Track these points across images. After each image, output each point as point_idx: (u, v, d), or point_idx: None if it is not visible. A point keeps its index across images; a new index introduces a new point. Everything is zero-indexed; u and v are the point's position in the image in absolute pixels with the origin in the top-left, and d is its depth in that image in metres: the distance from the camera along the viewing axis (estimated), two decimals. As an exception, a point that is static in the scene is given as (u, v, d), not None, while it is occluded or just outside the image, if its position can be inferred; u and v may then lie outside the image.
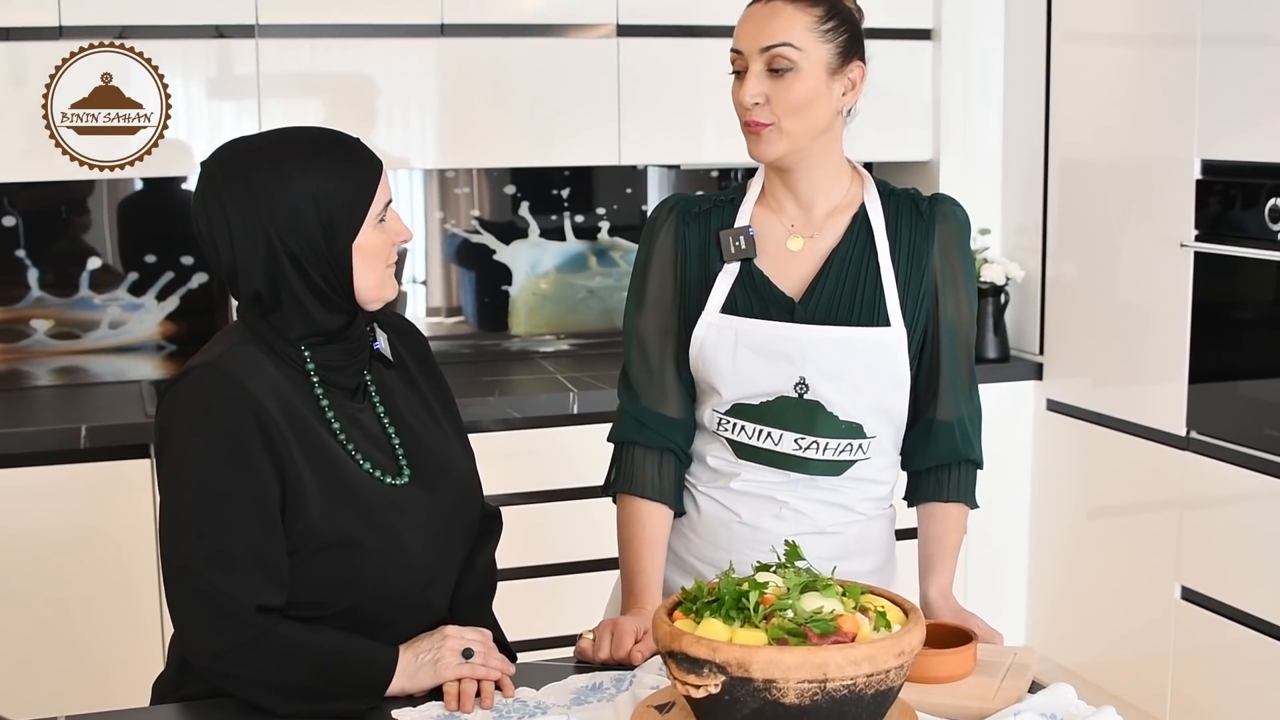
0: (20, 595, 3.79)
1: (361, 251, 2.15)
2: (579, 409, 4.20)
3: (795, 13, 2.28)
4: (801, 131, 2.29)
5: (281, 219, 2.10)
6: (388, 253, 2.19)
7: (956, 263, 2.42)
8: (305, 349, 2.16)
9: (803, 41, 2.27)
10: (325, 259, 2.12)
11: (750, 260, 2.37)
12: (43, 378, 4.42)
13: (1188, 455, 4.06)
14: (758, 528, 2.37)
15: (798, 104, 2.28)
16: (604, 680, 2.14)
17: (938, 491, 2.46)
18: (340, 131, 2.21)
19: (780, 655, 1.68)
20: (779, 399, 2.33)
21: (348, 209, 2.13)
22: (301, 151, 2.14)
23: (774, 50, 2.27)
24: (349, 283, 2.15)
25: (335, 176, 2.12)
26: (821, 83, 2.29)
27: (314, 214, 2.10)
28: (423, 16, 4.24)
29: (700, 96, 4.48)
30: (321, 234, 2.11)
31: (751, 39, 2.29)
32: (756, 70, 2.28)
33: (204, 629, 2.05)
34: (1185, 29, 3.98)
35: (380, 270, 2.18)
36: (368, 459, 2.18)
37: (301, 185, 2.10)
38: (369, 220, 2.15)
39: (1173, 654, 4.15)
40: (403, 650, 2.13)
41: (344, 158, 2.16)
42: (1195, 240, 3.99)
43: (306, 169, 2.12)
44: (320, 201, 2.11)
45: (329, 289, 2.14)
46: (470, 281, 4.84)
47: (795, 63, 2.27)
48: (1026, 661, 2.15)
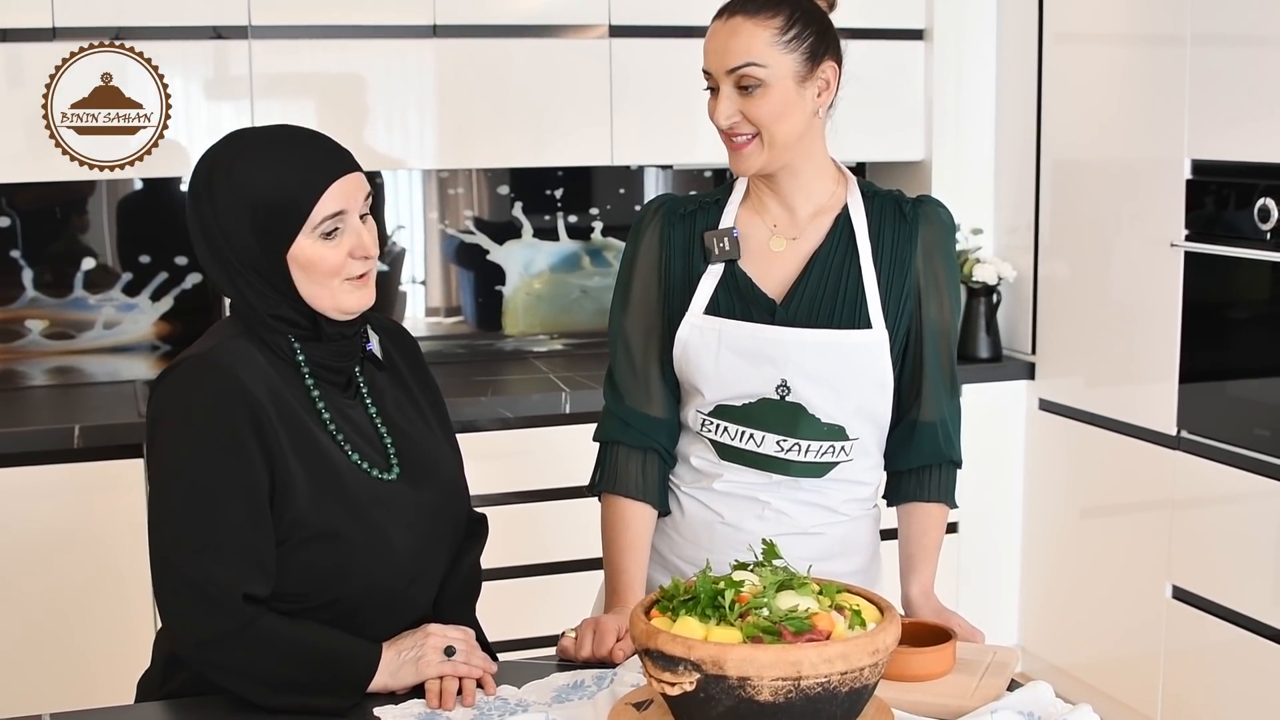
0: (12, 594, 3.80)
1: (298, 263, 2.10)
2: (571, 409, 4.21)
3: (754, 29, 2.28)
4: (780, 140, 2.30)
5: (225, 220, 2.09)
6: (335, 267, 2.11)
7: (939, 265, 2.42)
8: (295, 342, 2.16)
9: (765, 58, 2.27)
10: (263, 266, 2.10)
11: (734, 261, 2.38)
12: (37, 378, 4.43)
13: (1178, 455, 4.07)
14: (740, 528, 2.38)
15: (770, 118, 2.29)
16: (585, 678, 2.15)
17: (919, 491, 2.47)
18: (312, 133, 2.18)
19: (754, 653, 1.69)
20: (761, 401, 2.34)
21: (279, 218, 2.08)
22: (256, 152, 2.12)
23: (739, 71, 2.28)
24: (294, 291, 2.13)
25: (272, 182, 2.08)
26: (791, 92, 2.29)
27: (249, 219, 2.08)
28: (416, 17, 4.25)
29: (692, 97, 4.45)
30: (255, 240, 2.09)
31: (717, 60, 2.30)
32: (726, 90, 2.30)
33: (190, 617, 2.05)
34: (1176, 29, 3.99)
35: (327, 284, 2.12)
36: (357, 451, 2.19)
37: (242, 188, 2.08)
38: (305, 232, 2.09)
39: (1164, 653, 4.16)
40: (385, 647, 2.13)
41: (290, 163, 2.11)
42: (1186, 240, 3.99)
43: (251, 172, 2.09)
44: (255, 207, 2.08)
45: (278, 293, 2.12)
46: (469, 281, 4.85)
47: (762, 80, 2.27)
48: (1006, 660, 2.16)
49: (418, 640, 2.15)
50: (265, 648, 2.06)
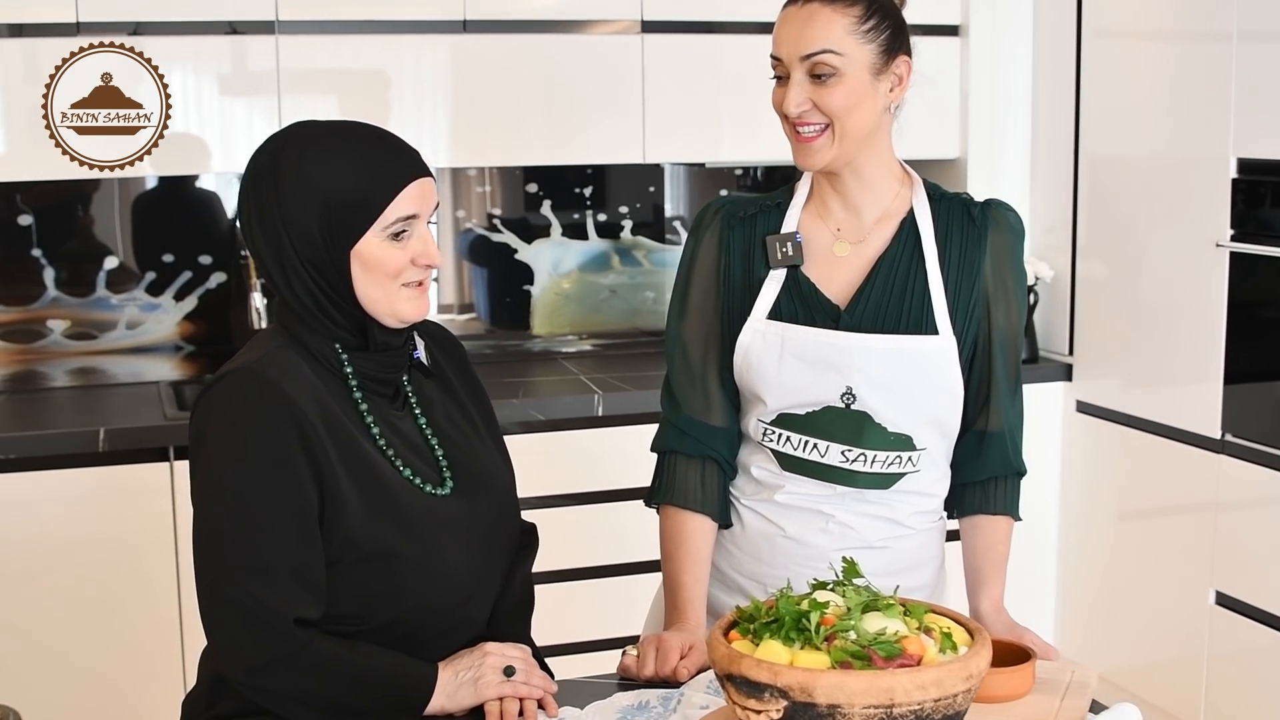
0: (38, 599, 3.75)
1: (362, 261, 2.04)
2: (603, 411, 4.15)
3: (833, 15, 2.21)
4: (850, 135, 2.24)
5: (289, 210, 2.03)
6: (398, 269, 2.06)
7: (1009, 271, 2.35)
8: (343, 352, 2.09)
9: (843, 45, 2.20)
10: (324, 261, 2.04)
11: (797, 267, 2.31)
12: (59, 379, 4.38)
13: (1223, 458, 4.00)
14: (803, 542, 2.31)
15: (843, 108, 2.22)
16: (650, 698, 2.09)
17: (985, 504, 2.40)
18: (385, 133, 2.12)
19: (845, 680, 1.62)
20: (825, 409, 2.27)
21: (350, 213, 2.03)
22: (328, 144, 2.06)
23: (815, 58, 2.21)
24: (351, 292, 2.06)
25: (348, 176, 2.03)
26: (866, 84, 2.23)
27: (317, 211, 2.02)
28: (445, 13, 4.19)
29: (724, 94, 4.43)
30: (320, 233, 2.03)
31: (790, 46, 2.23)
32: (798, 77, 2.22)
33: (240, 643, 1.98)
34: (1221, 25, 3.92)
35: (386, 286, 2.06)
36: (408, 466, 2.12)
37: (313, 179, 2.02)
38: (375, 230, 2.04)
39: (1207, 659, 4.09)
40: (442, 668, 2.07)
41: (367, 158, 2.06)
42: (1231, 240, 3.92)
43: (324, 163, 2.03)
44: (326, 199, 2.02)
45: (333, 293, 2.06)
46: (482, 278, 4.79)
47: (837, 69, 2.21)
48: (1086, 680, 2.10)
49: (475, 660, 2.08)
50: (318, 672, 1.99)
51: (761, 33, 4.33)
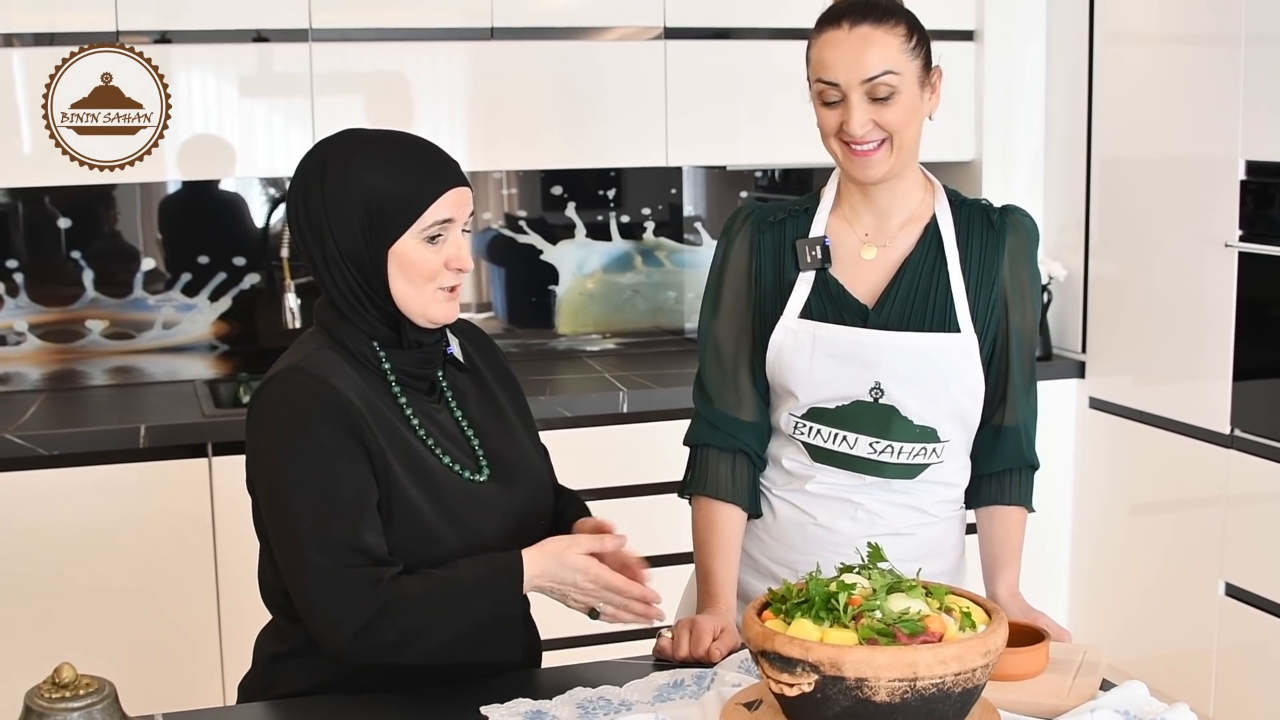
0: (81, 591, 3.86)
1: (398, 260, 2.15)
2: (629, 408, 4.25)
3: (888, 38, 2.29)
4: (907, 146, 2.34)
5: (334, 208, 2.14)
6: (433, 271, 2.17)
7: (1025, 273, 2.46)
8: (380, 349, 2.20)
9: (899, 65, 2.30)
10: (364, 257, 2.15)
11: (825, 268, 2.42)
12: (97, 377, 4.49)
13: (1232, 453, 4.09)
14: (833, 529, 2.42)
15: (902, 124, 2.31)
16: (685, 677, 2.18)
17: (999, 495, 2.51)
18: (429, 143, 2.23)
19: (872, 655, 1.73)
20: (854, 403, 2.38)
21: (391, 213, 2.14)
22: (374, 149, 2.18)
23: (876, 80, 2.29)
24: (387, 289, 2.17)
25: (391, 178, 2.14)
26: (917, 98, 2.33)
27: (360, 209, 2.13)
28: (473, 20, 4.29)
29: (743, 98, 4.54)
30: (361, 230, 2.14)
31: (850, 70, 2.29)
32: (858, 100, 2.29)
33: (341, 612, 2.06)
34: (1230, 29, 4.01)
35: (420, 287, 2.17)
36: (448, 455, 2.23)
37: (358, 179, 2.14)
38: (413, 231, 2.15)
39: (1216, 649, 4.19)
40: (527, 560, 2.16)
41: (410, 164, 2.17)
42: (1240, 240, 4.02)
43: (369, 165, 2.15)
44: (369, 198, 2.13)
45: (371, 289, 2.17)
46: (500, 277, 4.88)
47: (896, 88, 2.30)
48: (1096, 660, 2.19)
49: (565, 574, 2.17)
50: (412, 609, 2.07)
51: (777, 39, 4.46)
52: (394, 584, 2.08)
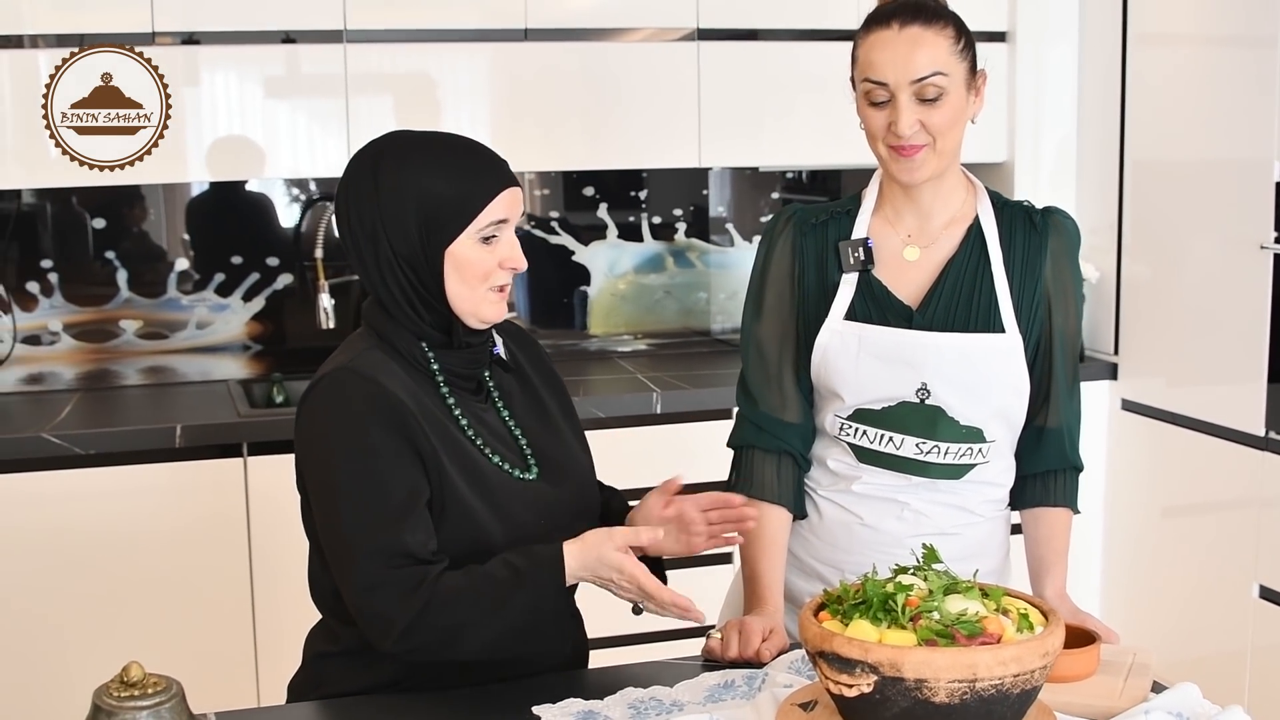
0: (117, 590, 3.86)
1: (454, 261, 2.16)
2: (662, 409, 4.25)
3: (937, 39, 2.30)
4: (951, 149, 2.35)
5: (389, 210, 2.15)
6: (487, 271, 2.19)
7: (1067, 274, 2.47)
8: (429, 350, 2.21)
9: (948, 66, 2.31)
10: (419, 259, 2.16)
11: (868, 270, 2.42)
12: (131, 377, 4.50)
13: (1266, 455, 4.09)
14: (879, 530, 2.43)
15: (949, 126, 2.32)
16: (735, 678, 2.19)
17: (1045, 496, 2.52)
18: (480, 144, 2.25)
19: (931, 656, 1.73)
20: (901, 404, 2.38)
21: (448, 214, 2.15)
22: (427, 151, 2.19)
23: (926, 81, 2.30)
24: (441, 290, 2.18)
25: (447, 180, 2.16)
26: (963, 100, 2.34)
27: (416, 211, 2.14)
28: (507, 21, 4.30)
29: (775, 99, 4.54)
30: (417, 232, 2.15)
31: (900, 71, 2.30)
32: (906, 100, 2.30)
33: (386, 613, 2.07)
34: (1264, 30, 4.00)
35: (475, 287, 2.19)
36: (497, 454, 2.24)
37: (413, 182, 2.15)
38: (469, 231, 2.16)
39: (1250, 651, 4.18)
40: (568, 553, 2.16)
41: (465, 165, 2.19)
42: (1275, 242, 4.01)
43: (424, 168, 2.16)
44: (425, 200, 2.14)
45: (425, 290, 2.18)
46: (521, 279, 4.88)
47: (944, 89, 2.30)
48: (1147, 661, 2.20)
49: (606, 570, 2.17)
50: (456, 606, 2.08)
51: (806, 40, 4.46)
52: (438, 582, 2.09)
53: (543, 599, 2.14)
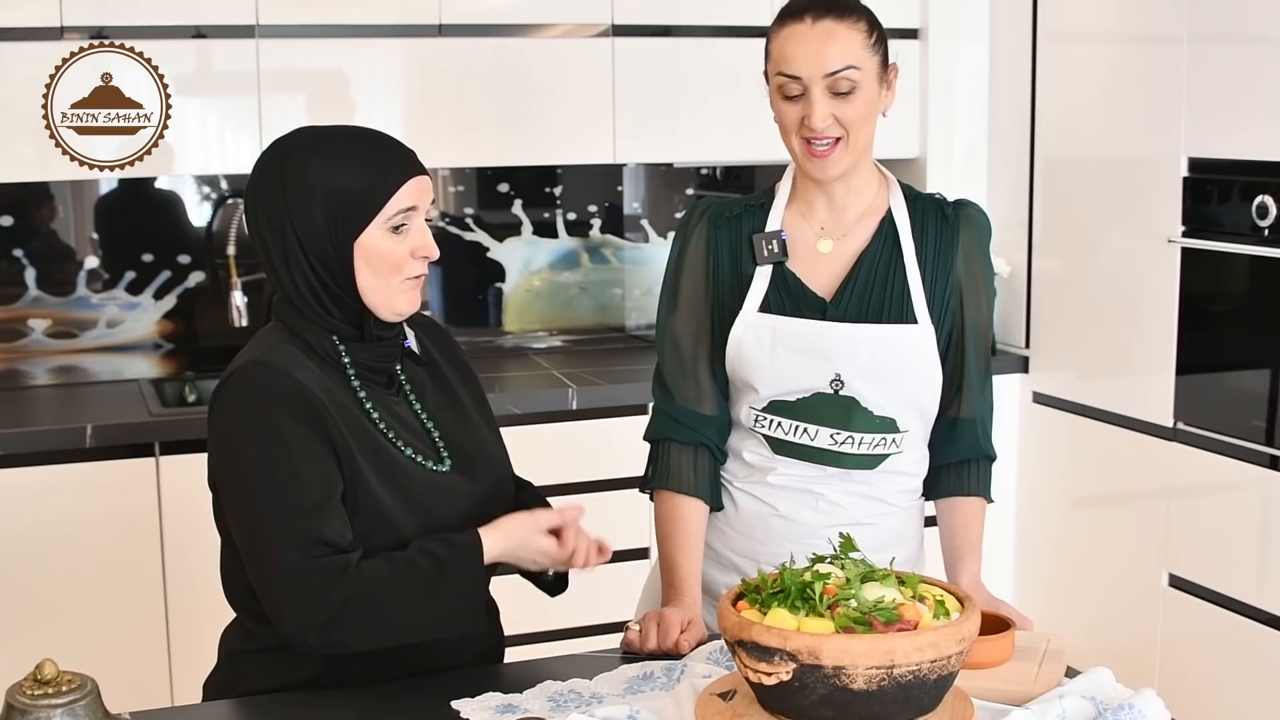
0: (29, 595, 3.82)
1: (364, 253, 2.16)
2: (578, 405, 4.25)
3: (850, 33, 2.32)
4: (863, 143, 2.37)
5: (296, 206, 2.14)
6: (399, 262, 2.18)
7: (979, 266, 2.50)
8: (340, 344, 2.20)
9: (860, 60, 2.32)
10: (328, 253, 2.15)
11: (782, 263, 2.43)
12: (41, 377, 4.44)
13: (1175, 445, 4.14)
14: (795, 520, 2.44)
15: (861, 120, 2.34)
16: (654, 669, 2.19)
17: (959, 486, 2.54)
18: (385, 135, 2.24)
19: (849, 643, 1.75)
20: (815, 395, 2.39)
21: (354, 205, 2.14)
22: (331, 144, 2.18)
23: (839, 74, 2.31)
24: (352, 284, 2.17)
25: (352, 172, 2.15)
26: (875, 94, 2.36)
27: (322, 204, 2.13)
28: (421, 17, 4.28)
29: (690, 95, 4.55)
30: (325, 226, 2.14)
31: (813, 65, 2.31)
32: (819, 94, 2.32)
33: (309, 604, 2.05)
34: (1172, 28, 4.06)
35: (388, 278, 2.18)
36: (409, 446, 2.23)
37: (319, 176, 2.14)
38: (378, 222, 2.15)
39: (1160, 640, 4.24)
40: (487, 541, 2.18)
41: (370, 156, 2.18)
42: (1183, 236, 4.07)
43: (329, 161, 2.15)
44: (331, 193, 2.13)
45: (335, 285, 2.17)
46: (446, 274, 4.87)
47: (857, 82, 2.32)
48: (1060, 647, 2.23)
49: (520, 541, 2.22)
50: (378, 597, 2.08)
51: (720, 36, 4.48)
52: (359, 571, 2.08)
53: (465, 587, 2.14)
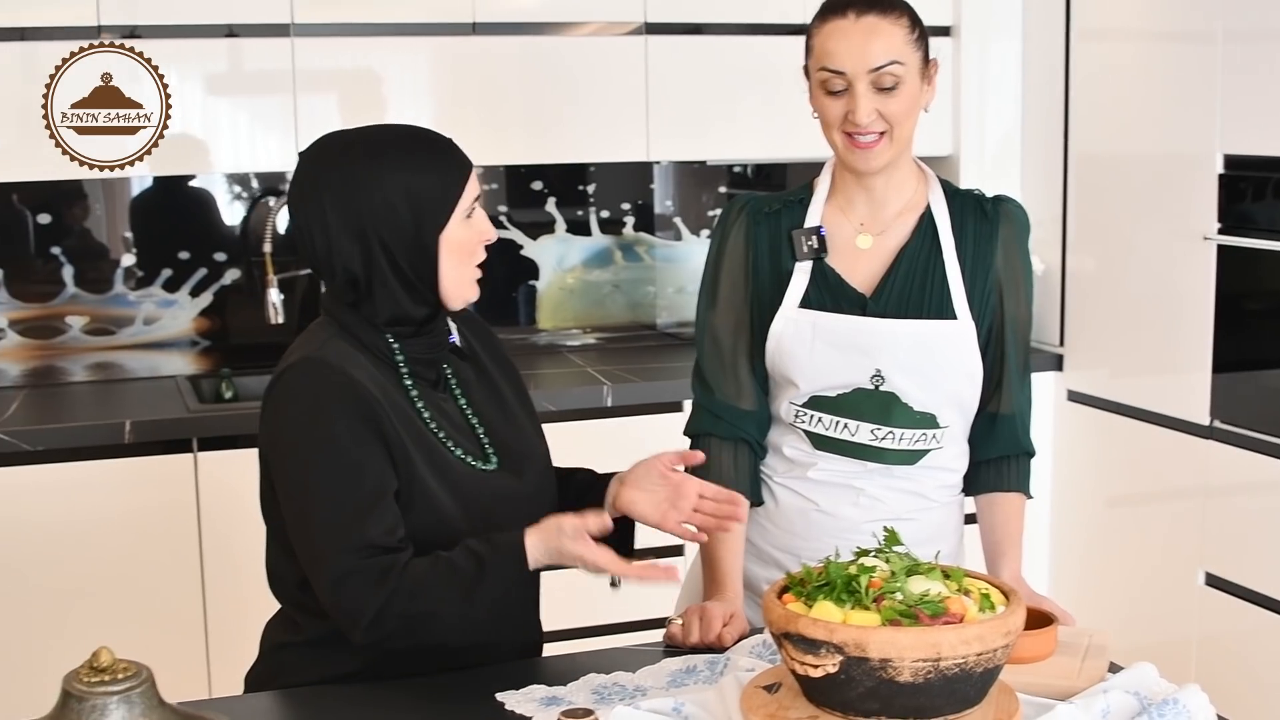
0: (68, 586, 3.84)
1: (448, 244, 2.20)
2: (613, 401, 4.26)
3: (893, 28, 2.33)
4: (906, 137, 2.38)
5: (377, 208, 2.16)
6: (474, 249, 2.24)
7: (1018, 262, 2.51)
8: (393, 340, 2.21)
9: (904, 55, 2.33)
10: (414, 249, 2.18)
11: (822, 258, 2.43)
12: (79, 373, 4.47)
13: (1211, 444, 4.13)
14: (836, 515, 2.45)
15: (904, 114, 2.35)
16: (697, 663, 2.20)
17: (998, 482, 2.54)
18: (432, 130, 2.28)
19: (896, 635, 1.75)
20: (855, 391, 2.40)
21: (437, 202, 2.19)
22: (398, 145, 2.22)
23: (883, 69, 2.32)
24: (434, 275, 2.20)
25: (427, 170, 2.19)
26: (918, 89, 2.37)
27: (405, 205, 2.16)
28: (456, 15, 4.30)
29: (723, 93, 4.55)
30: (411, 224, 2.17)
31: (857, 60, 2.32)
32: (863, 89, 2.33)
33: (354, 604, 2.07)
34: (1206, 25, 4.05)
35: (466, 266, 2.23)
36: (459, 446, 2.24)
37: (396, 177, 2.17)
38: (457, 214, 2.20)
39: (1197, 639, 4.22)
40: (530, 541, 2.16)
41: (436, 154, 2.22)
42: (1218, 233, 4.06)
43: (402, 162, 2.18)
44: (412, 193, 2.17)
45: (416, 279, 2.19)
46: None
47: (901, 78, 2.33)
48: (1103, 643, 2.23)
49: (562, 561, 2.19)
50: (420, 594, 2.09)
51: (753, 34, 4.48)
52: (405, 570, 2.09)
53: (507, 587, 2.14)
